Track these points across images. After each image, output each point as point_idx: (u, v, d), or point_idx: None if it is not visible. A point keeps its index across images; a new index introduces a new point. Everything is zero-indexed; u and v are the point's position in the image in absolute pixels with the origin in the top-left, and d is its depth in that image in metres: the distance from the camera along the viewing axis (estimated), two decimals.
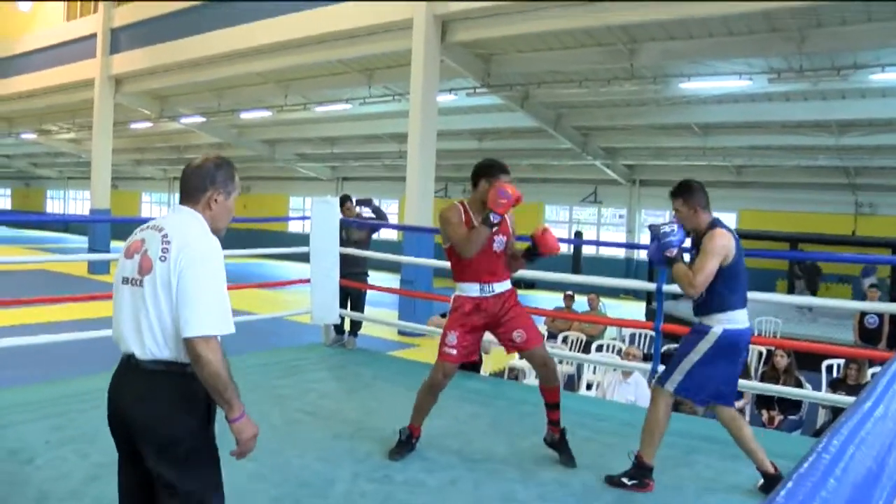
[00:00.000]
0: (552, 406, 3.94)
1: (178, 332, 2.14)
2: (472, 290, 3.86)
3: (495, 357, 8.75)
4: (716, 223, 3.62)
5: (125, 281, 2.25)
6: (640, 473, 3.57)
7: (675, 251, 3.62)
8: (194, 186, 2.33)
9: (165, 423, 2.17)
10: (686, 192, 3.66)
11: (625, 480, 3.57)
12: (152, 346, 2.17)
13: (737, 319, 3.54)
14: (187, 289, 2.14)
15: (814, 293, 15.57)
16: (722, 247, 3.48)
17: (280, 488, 3.44)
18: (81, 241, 27.22)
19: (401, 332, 11.24)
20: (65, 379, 5.40)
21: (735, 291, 3.55)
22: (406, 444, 3.96)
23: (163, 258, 2.17)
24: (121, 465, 2.33)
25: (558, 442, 3.93)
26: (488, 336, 4.15)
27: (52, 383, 5.24)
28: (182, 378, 2.19)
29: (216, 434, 2.33)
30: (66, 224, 38.33)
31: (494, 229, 3.76)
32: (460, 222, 3.83)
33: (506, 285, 3.94)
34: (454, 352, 3.84)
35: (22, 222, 40.12)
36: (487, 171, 3.88)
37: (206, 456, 2.26)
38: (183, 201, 2.34)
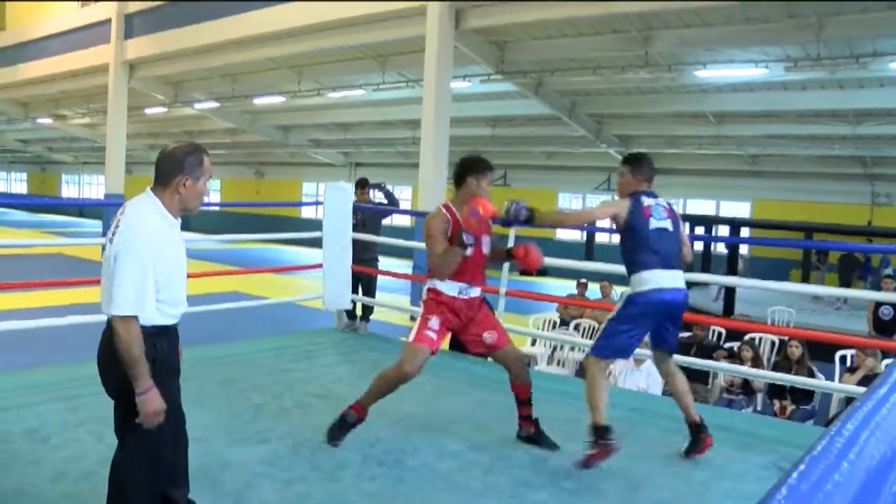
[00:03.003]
0: (525, 402, 3.92)
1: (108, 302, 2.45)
2: (451, 289, 3.78)
3: None
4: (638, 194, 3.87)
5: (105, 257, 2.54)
6: (598, 435, 3.60)
7: (526, 212, 3.87)
8: (165, 171, 2.53)
9: (109, 374, 2.55)
10: (635, 163, 3.97)
11: (590, 453, 3.58)
12: (105, 309, 2.47)
13: (644, 282, 3.67)
14: (115, 271, 2.42)
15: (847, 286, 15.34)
16: (609, 204, 3.91)
17: (291, 471, 3.46)
18: (96, 225, 27.39)
19: (413, 318, 11.25)
20: (80, 362, 5.44)
21: (637, 254, 3.75)
22: (349, 425, 3.79)
23: (111, 239, 2.46)
24: None
25: (535, 434, 3.92)
26: None
27: (68, 366, 5.29)
28: (110, 329, 2.49)
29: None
30: (80, 208, 38.60)
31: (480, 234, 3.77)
32: (444, 234, 3.74)
33: (478, 291, 3.90)
34: (435, 336, 3.73)
35: (38, 206, 40.38)
36: (474, 167, 3.84)
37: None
38: (154, 185, 2.54)
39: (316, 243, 6.63)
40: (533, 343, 9.00)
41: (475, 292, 3.86)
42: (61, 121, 27.30)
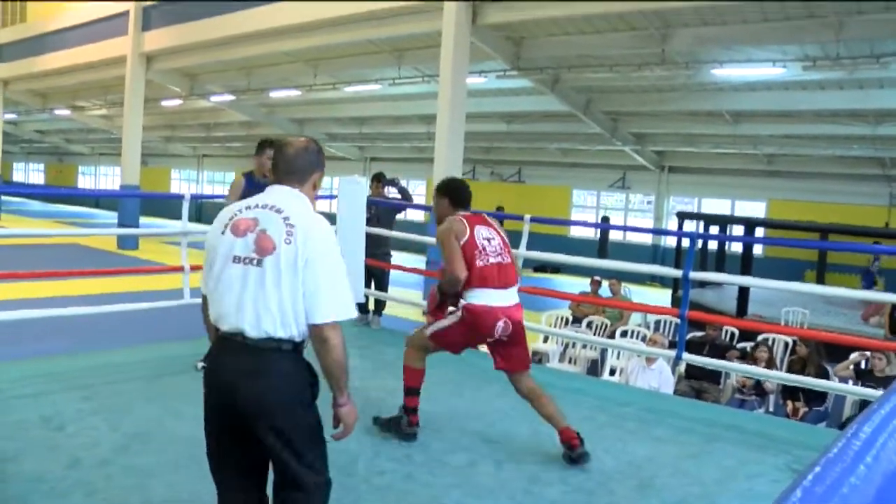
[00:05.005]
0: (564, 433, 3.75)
1: (297, 314, 2.19)
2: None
3: None
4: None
5: (236, 259, 2.23)
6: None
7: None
8: (301, 168, 2.39)
9: (279, 398, 2.20)
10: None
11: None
12: (269, 326, 2.18)
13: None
14: (318, 276, 2.20)
15: None
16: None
17: None
18: (111, 216, 27.55)
19: (425, 313, 11.24)
20: (94, 351, 5.50)
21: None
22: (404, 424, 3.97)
23: (288, 241, 2.20)
24: (221, 446, 2.29)
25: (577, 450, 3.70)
26: None
27: (83, 354, 5.34)
28: (293, 355, 2.25)
29: None
30: (96, 199, 38.84)
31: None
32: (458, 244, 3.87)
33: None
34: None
35: (54, 196, 40.68)
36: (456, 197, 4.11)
37: (318, 428, 2.31)
38: (285, 181, 2.38)
39: None
40: (545, 340, 8.99)
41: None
42: (79, 112, 27.44)
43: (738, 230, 14.87)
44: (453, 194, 4.10)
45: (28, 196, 40.30)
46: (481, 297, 3.77)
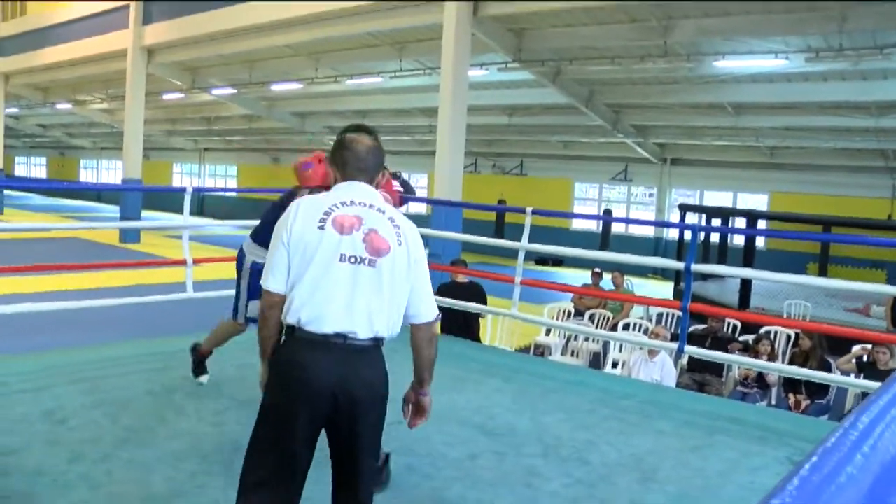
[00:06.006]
0: None
1: (400, 314, 2.25)
2: None
3: (522, 332, 8.77)
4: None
5: (343, 258, 2.15)
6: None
7: None
8: (374, 165, 2.41)
9: (382, 392, 2.24)
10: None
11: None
12: (380, 327, 2.17)
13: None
14: (422, 276, 2.28)
15: None
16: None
17: None
18: (113, 209, 27.58)
19: None
20: (96, 345, 5.50)
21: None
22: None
23: (399, 242, 2.21)
24: (293, 447, 2.17)
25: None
26: None
27: (85, 348, 5.35)
28: (382, 352, 2.26)
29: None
30: (98, 193, 38.87)
31: None
32: None
33: None
34: None
35: (56, 190, 40.72)
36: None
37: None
38: (360, 178, 2.36)
39: None
40: (547, 333, 8.99)
41: None
42: (80, 106, 27.45)
43: (740, 222, 14.85)
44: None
45: (30, 190, 40.36)
46: None
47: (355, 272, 2.14)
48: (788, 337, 8.39)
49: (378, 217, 2.23)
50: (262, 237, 3.67)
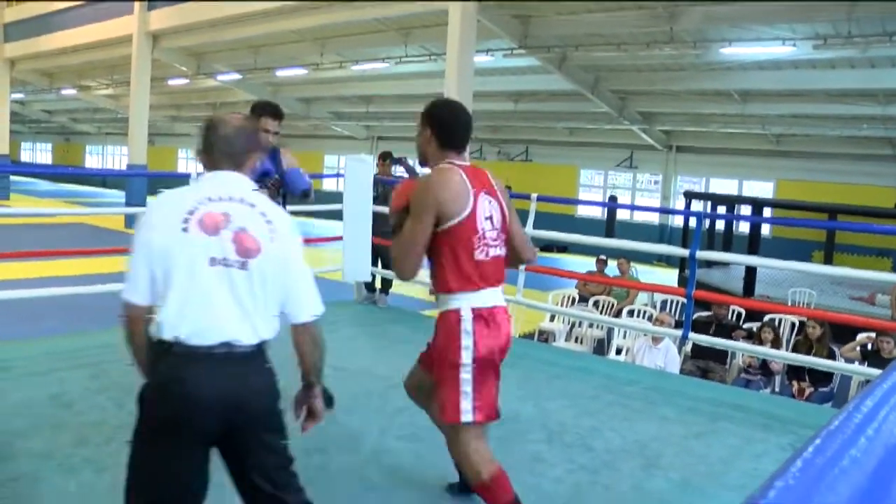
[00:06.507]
0: None
1: (276, 314, 2.08)
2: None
3: (526, 319, 8.78)
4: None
5: (214, 262, 1.97)
6: None
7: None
8: (241, 150, 2.20)
9: (272, 399, 2.09)
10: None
11: None
12: (263, 331, 2.03)
13: None
14: (299, 273, 2.11)
15: None
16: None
17: (309, 441, 3.48)
18: (119, 195, 27.61)
19: (432, 292, 11.25)
20: (101, 330, 5.51)
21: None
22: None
23: (272, 238, 2.03)
24: (183, 469, 2.02)
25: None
26: None
27: (90, 333, 5.37)
28: (266, 354, 2.11)
29: None
30: (104, 179, 38.90)
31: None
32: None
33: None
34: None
35: (62, 176, 40.77)
36: None
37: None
38: (227, 164, 2.17)
39: (336, 215, 6.63)
40: (552, 319, 9.00)
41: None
42: (85, 91, 27.41)
43: (745, 210, 14.81)
44: (444, 127, 2.79)
45: (36, 175, 40.38)
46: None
47: (227, 276, 1.97)
48: (793, 324, 8.38)
49: (247, 212, 2.04)
50: None
